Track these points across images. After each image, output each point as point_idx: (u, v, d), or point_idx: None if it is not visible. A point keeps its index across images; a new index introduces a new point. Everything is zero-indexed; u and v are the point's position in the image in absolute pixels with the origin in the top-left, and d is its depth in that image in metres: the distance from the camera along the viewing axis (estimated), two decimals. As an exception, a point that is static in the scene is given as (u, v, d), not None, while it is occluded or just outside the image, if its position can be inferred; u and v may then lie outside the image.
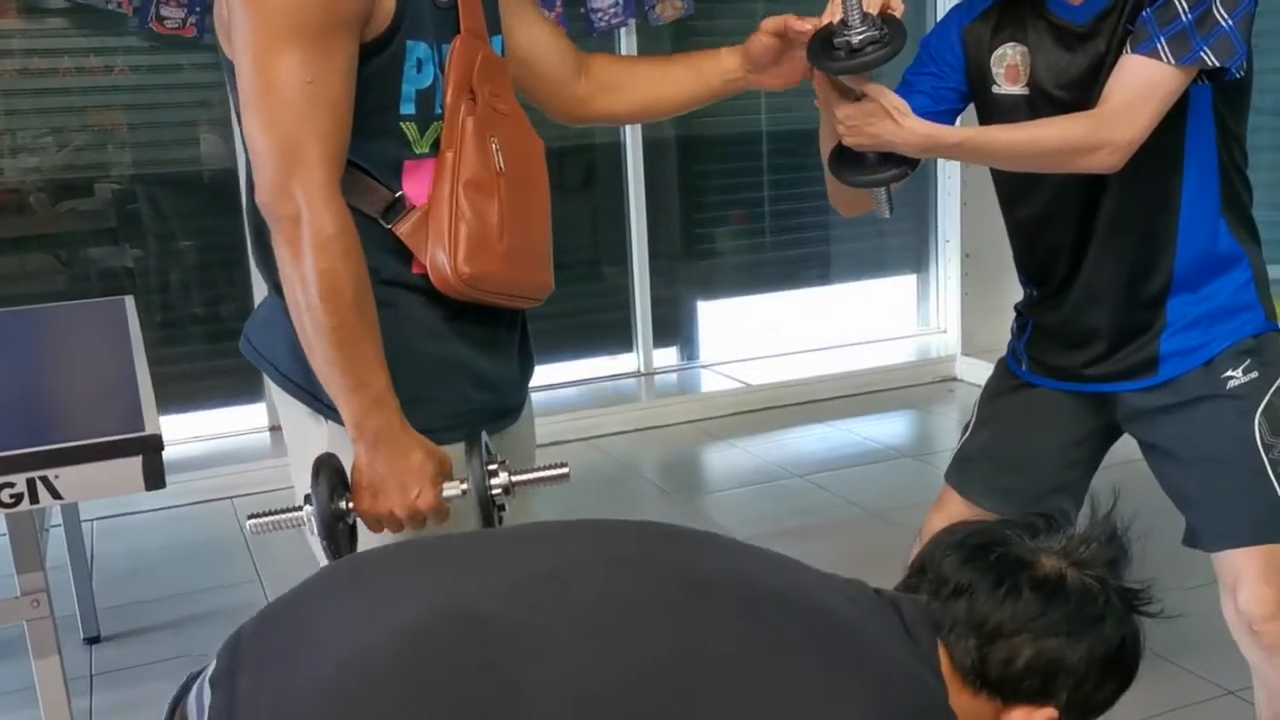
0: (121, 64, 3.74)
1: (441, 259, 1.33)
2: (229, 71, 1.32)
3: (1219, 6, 1.47)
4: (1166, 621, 1.15)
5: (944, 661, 1.07)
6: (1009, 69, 1.66)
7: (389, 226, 1.34)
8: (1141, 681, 1.14)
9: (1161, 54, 1.48)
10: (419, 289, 1.36)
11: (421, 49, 1.33)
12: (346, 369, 1.26)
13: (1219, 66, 1.48)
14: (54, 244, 3.83)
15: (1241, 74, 1.53)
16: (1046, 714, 1.08)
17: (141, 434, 1.50)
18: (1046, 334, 1.79)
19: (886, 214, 1.67)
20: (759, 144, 4.65)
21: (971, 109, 1.74)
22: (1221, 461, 1.66)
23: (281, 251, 1.26)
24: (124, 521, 3.45)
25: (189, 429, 3.89)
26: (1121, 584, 1.12)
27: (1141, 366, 1.69)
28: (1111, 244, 1.65)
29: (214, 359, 3.97)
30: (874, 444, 4.01)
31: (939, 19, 1.80)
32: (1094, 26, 1.58)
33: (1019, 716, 1.08)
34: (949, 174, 4.69)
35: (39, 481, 1.42)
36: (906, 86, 1.70)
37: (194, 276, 3.98)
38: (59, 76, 3.70)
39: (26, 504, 1.42)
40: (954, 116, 1.71)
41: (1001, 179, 1.74)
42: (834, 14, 1.48)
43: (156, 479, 1.48)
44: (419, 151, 1.35)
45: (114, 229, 3.86)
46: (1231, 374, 1.65)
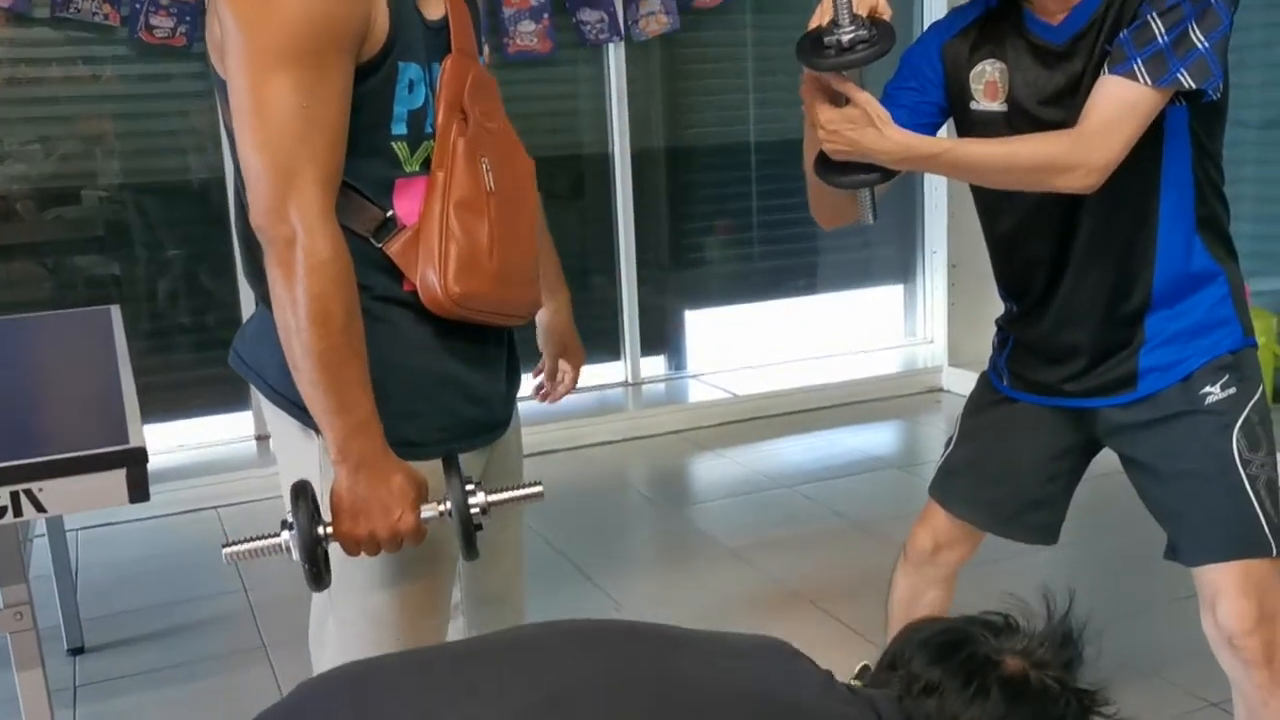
0: (110, 72, 3.74)
1: (432, 278, 1.33)
2: (221, 88, 1.33)
3: (1195, 28, 1.48)
4: (1149, 634, 1.18)
5: None
6: (988, 85, 1.67)
7: (379, 245, 1.34)
8: (1125, 694, 1.16)
9: (1138, 75, 1.49)
10: (409, 305, 1.36)
11: (414, 70, 1.34)
12: (332, 392, 1.27)
13: (1195, 88, 1.50)
14: (41, 252, 3.83)
15: (1218, 95, 1.54)
16: None
17: (126, 446, 1.49)
18: (1027, 349, 1.80)
19: (870, 219, 1.68)
20: (747, 154, 4.67)
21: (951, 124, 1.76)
22: (1200, 477, 1.67)
23: (274, 273, 1.26)
24: (109, 531, 3.45)
25: (174, 438, 3.89)
26: (1079, 686, 1.16)
27: (1120, 382, 1.70)
28: (1090, 261, 1.66)
29: (200, 368, 3.97)
30: (860, 454, 4.02)
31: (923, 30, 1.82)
32: (1071, 46, 1.59)
33: None
34: (935, 185, 4.72)
35: (23, 494, 1.42)
36: (887, 100, 1.70)
37: (181, 285, 3.97)
38: (47, 84, 3.69)
39: (10, 517, 1.41)
40: (934, 130, 1.72)
41: (980, 192, 1.75)
42: (824, 14, 1.50)
43: (140, 491, 1.47)
44: (409, 170, 1.36)
45: (101, 237, 3.86)
46: (1210, 389, 1.66)
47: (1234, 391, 1.66)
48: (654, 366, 4.69)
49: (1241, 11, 1.53)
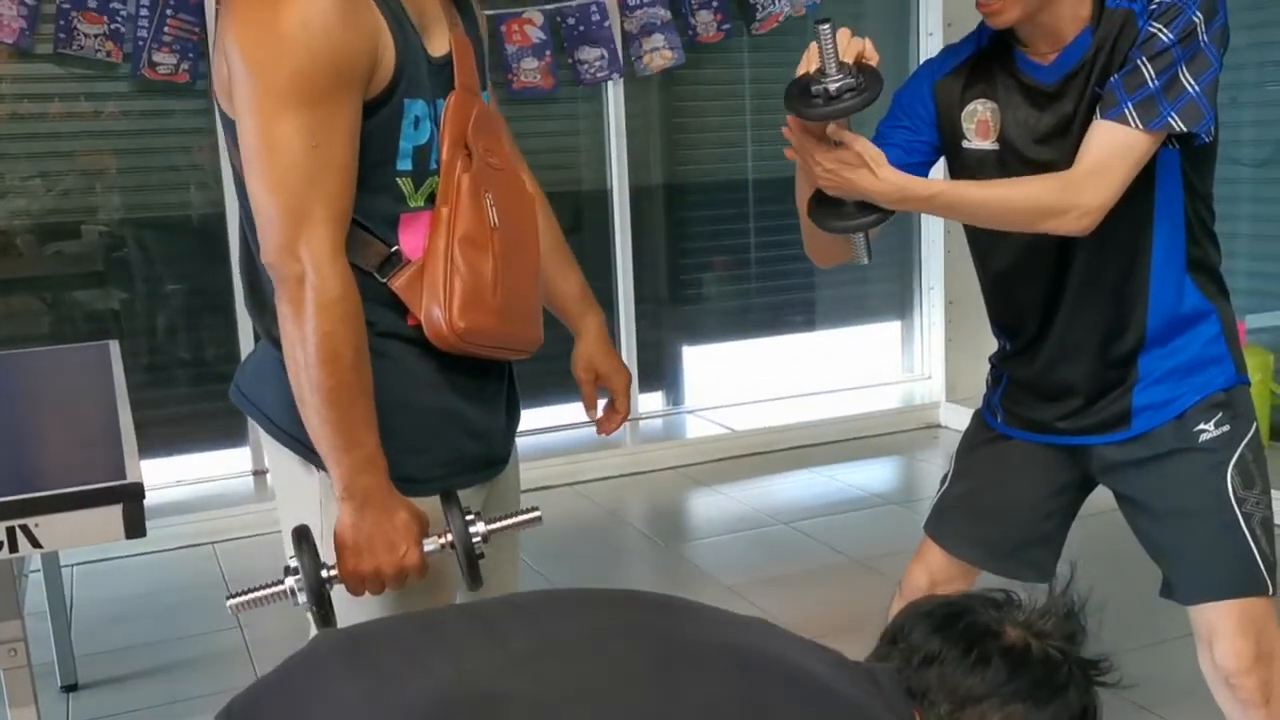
0: (112, 108, 3.77)
1: (436, 313, 1.34)
2: (229, 128, 1.34)
3: (1185, 72, 1.50)
4: (1145, 672, 1.18)
5: None
6: (979, 124, 1.69)
7: (384, 280, 1.35)
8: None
9: (1130, 119, 1.50)
10: (413, 341, 1.37)
11: (419, 106, 1.35)
12: (340, 429, 1.27)
13: (1187, 131, 1.51)
14: (40, 287, 3.83)
15: (1210, 137, 1.55)
16: None
17: (123, 482, 1.50)
18: (1021, 387, 1.80)
19: (865, 260, 1.69)
20: (745, 191, 4.70)
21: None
22: (1195, 515, 1.67)
23: (284, 310, 1.27)
24: (104, 567, 3.43)
25: (172, 473, 3.88)
26: (1082, 656, 1.16)
27: (1114, 420, 1.70)
28: (1083, 301, 1.67)
29: (198, 402, 3.96)
30: (859, 490, 4.02)
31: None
32: (1062, 87, 1.61)
33: None
34: (932, 222, 4.74)
35: (19, 530, 1.42)
36: (880, 138, 1.72)
37: (180, 320, 3.98)
38: (49, 120, 3.72)
39: (5, 553, 1.41)
40: (926, 169, 1.73)
41: (974, 232, 1.76)
42: (810, 63, 1.51)
43: (137, 528, 1.47)
44: (414, 205, 1.37)
45: (101, 272, 3.87)
46: (1203, 427, 1.66)
47: (1228, 429, 1.67)
48: (652, 402, 4.68)
49: (1233, 50, 1.55)
